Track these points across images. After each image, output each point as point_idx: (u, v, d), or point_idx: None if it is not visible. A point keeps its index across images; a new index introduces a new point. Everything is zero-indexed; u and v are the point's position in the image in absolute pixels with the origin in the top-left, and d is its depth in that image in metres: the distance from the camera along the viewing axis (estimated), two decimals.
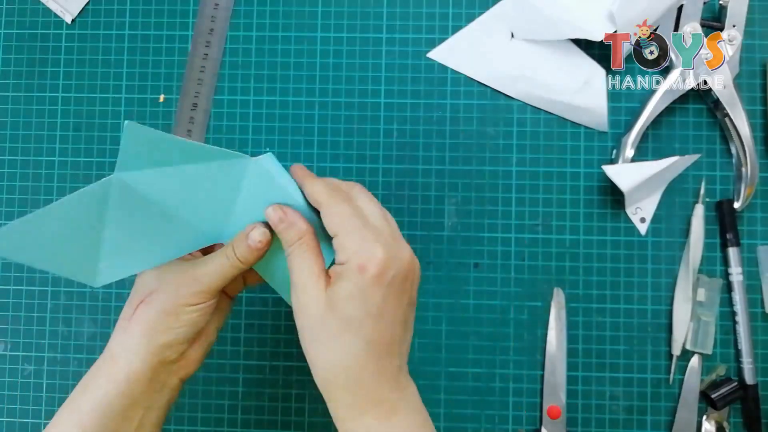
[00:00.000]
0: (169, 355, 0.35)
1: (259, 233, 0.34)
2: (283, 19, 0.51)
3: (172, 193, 0.35)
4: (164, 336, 0.34)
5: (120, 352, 0.34)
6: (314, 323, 0.31)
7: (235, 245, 0.35)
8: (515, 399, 0.48)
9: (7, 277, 0.51)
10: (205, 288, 0.35)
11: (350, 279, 0.31)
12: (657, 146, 0.49)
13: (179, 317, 0.34)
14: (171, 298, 0.34)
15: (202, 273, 0.35)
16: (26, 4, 0.52)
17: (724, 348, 0.48)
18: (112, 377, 0.34)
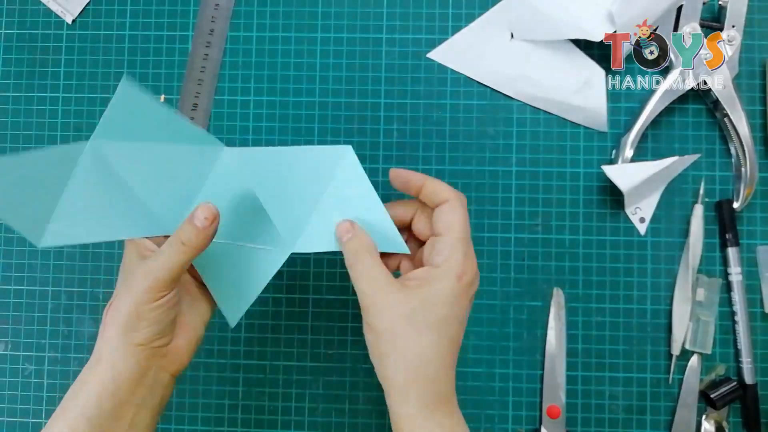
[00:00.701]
0: (148, 352, 0.34)
1: (203, 210, 0.34)
2: (283, 19, 0.51)
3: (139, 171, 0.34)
4: (135, 336, 0.34)
5: (103, 355, 0.34)
6: (398, 322, 0.33)
7: (180, 230, 0.34)
8: (515, 399, 0.48)
9: (7, 277, 0.51)
10: (156, 283, 0.34)
11: (446, 283, 0.33)
12: (656, 146, 0.49)
13: (141, 316, 0.34)
14: (129, 299, 0.34)
15: (152, 267, 0.34)
16: (27, 5, 0.52)
17: (724, 348, 0.48)
18: (98, 379, 0.34)
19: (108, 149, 0.33)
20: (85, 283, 0.50)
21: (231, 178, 0.36)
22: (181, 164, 0.35)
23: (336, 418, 0.49)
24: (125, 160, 0.34)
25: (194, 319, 0.38)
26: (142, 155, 0.34)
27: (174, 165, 0.35)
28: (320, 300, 0.49)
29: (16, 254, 0.51)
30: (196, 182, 0.36)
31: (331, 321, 0.49)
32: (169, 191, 0.36)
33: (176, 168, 0.35)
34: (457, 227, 0.34)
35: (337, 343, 0.49)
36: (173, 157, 0.35)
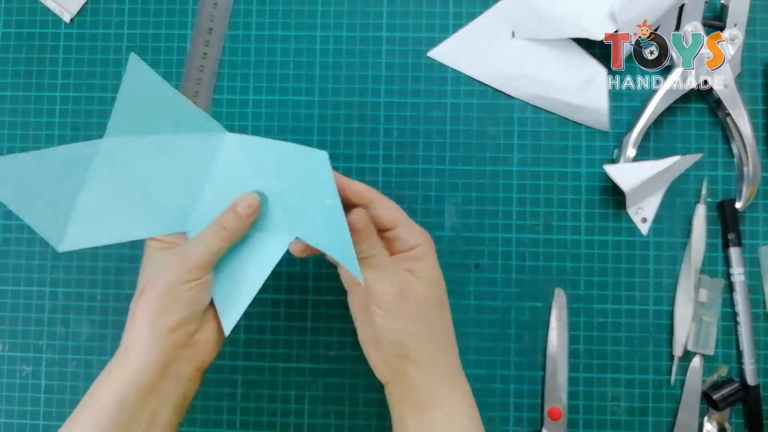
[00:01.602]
0: (176, 338, 0.35)
1: (247, 198, 0.36)
2: (282, 18, 0.50)
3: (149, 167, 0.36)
4: (166, 319, 0.35)
5: (130, 345, 0.35)
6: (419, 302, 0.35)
7: (222, 216, 0.36)
8: (516, 400, 0.48)
9: (5, 278, 0.50)
10: (194, 264, 0.35)
11: (431, 256, 0.36)
12: (658, 146, 0.48)
13: (176, 297, 0.35)
14: (165, 281, 0.35)
15: (191, 250, 0.36)
16: (25, 3, 0.52)
17: (726, 349, 0.48)
18: (124, 369, 0.35)
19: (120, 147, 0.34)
20: (83, 283, 0.50)
21: (234, 166, 0.37)
22: (187, 155, 0.36)
23: (335, 419, 0.49)
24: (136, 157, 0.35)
25: None
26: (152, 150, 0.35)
27: (181, 157, 0.36)
28: (320, 301, 0.49)
29: (14, 255, 0.50)
30: (202, 172, 0.37)
31: (331, 322, 0.49)
32: (178, 184, 0.37)
33: (183, 159, 0.36)
34: (398, 214, 0.37)
35: (337, 345, 0.49)
36: (180, 149, 0.36)
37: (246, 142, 0.37)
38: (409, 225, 0.37)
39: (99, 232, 0.36)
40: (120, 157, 0.34)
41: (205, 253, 0.36)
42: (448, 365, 0.36)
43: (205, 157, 0.37)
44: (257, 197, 0.36)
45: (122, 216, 0.36)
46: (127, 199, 0.36)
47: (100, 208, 0.35)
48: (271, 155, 0.36)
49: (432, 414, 0.35)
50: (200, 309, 0.37)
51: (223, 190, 0.37)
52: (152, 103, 0.34)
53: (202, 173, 0.37)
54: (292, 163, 0.36)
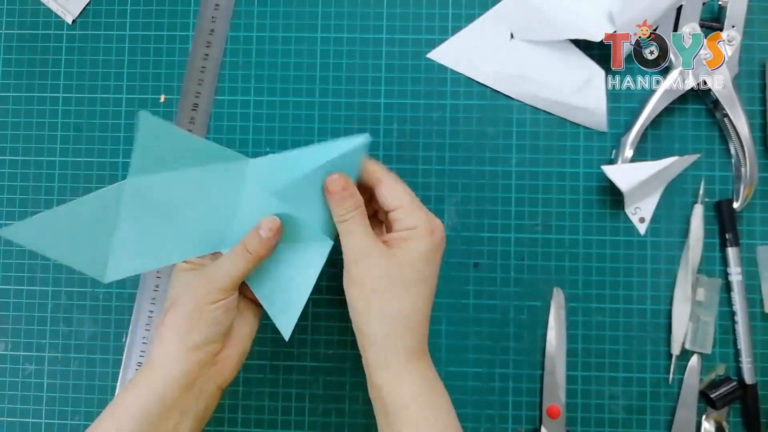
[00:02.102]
0: (201, 356, 0.36)
1: (268, 222, 0.37)
2: (283, 19, 0.51)
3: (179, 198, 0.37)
4: (192, 337, 0.36)
5: (157, 359, 0.36)
6: (383, 276, 0.35)
7: (246, 239, 0.37)
8: (515, 398, 0.48)
9: (7, 277, 0.51)
10: (220, 285, 0.36)
11: (423, 241, 0.36)
12: (656, 146, 0.49)
13: (202, 316, 0.36)
14: (192, 299, 0.36)
15: (216, 271, 0.37)
16: (27, 5, 0.52)
17: (724, 348, 0.48)
18: (150, 382, 0.35)
19: (145, 184, 0.36)
20: (86, 283, 0.50)
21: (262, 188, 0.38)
22: (213, 185, 0.38)
23: (336, 418, 0.49)
24: (163, 191, 0.37)
25: (242, 331, 0.39)
26: (177, 184, 0.37)
27: (207, 187, 0.38)
28: (320, 300, 0.49)
29: (16, 254, 0.51)
30: (232, 198, 0.38)
31: (331, 321, 0.49)
32: (208, 212, 0.38)
33: (210, 189, 0.38)
34: (405, 197, 0.37)
35: (337, 343, 0.49)
36: (205, 180, 0.37)
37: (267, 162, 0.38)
38: (412, 209, 0.36)
39: (139, 260, 0.38)
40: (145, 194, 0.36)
41: (230, 275, 0.36)
42: (406, 348, 0.35)
43: (231, 185, 0.38)
44: (278, 220, 0.37)
45: (159, 244, 0.38)
46: (161, 229, 0.38)
47: (136, 241, 0.37)
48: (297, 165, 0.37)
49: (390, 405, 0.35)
50: (224, 329, 0.37)
51: (253, 211, 0.38)
52: (169, 148, 0.36)
53: (230, 200, 0.38)
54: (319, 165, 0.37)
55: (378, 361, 0.35)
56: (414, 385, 0.35)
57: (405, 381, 0.35)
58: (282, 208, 0.38)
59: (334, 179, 0.36)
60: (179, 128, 0.36)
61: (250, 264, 0.37)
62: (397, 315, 0.35)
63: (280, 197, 0.37)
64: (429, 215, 0.37)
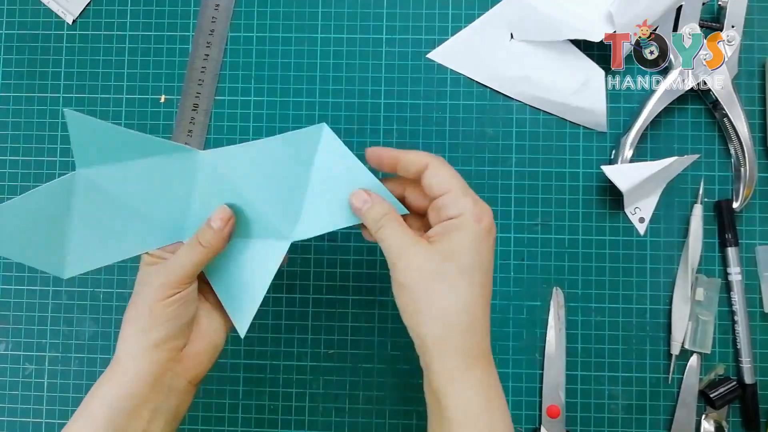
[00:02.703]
0: (164, 353, 0.35)
1: (219, 212, 0.36)
2: (283, 19, 0.51)
3: (132, 189, 0.36)
4: (150, 336, 0.35)
5: (122, 355, 0.35)
6: (427, 276, 0.33)
7: (199, 231, 0.36)
8: (514, 398, 0.48)
9: (8, 277, 0.51)
10: (173, 278, 0.35)
11: (467, 230, 0.33)
12: (656, 146, 0.49)
13: (156, 312, 0.35)
14: (143, 297, 0.35)
15: (170, 264, 0.36)
16: (27, 5, 0.52)
17: (723, 347, 0.48)
18: (117, 379, 0.35)
19: (95, 175, 0.35)
20: (86, 282, 0.50)
21: (216, 179, 0.37)
22: (163, 176, 0.36)
23: (336, 417, 0.49)
24: (113, 182, 0.35)
25: (213, 326, 0.38)
26: (126, 174, 0.35)
27: (158, 177, 0.36)
28: (320, 300, 0.50)
29: None
30: (185, 190, 0.37)
31: (331, 321, 0.49)
32: (163, 203, 0.37)
33: (161, 180, 0.36)
34: (452, 182, 0.34)
35: (337, 343, 0.49)
36: (154, 171, 0.36)
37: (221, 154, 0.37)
38: (459, 196, 0.34)
39: (97, 255, 0.37)
40: (96, 185, 0.35)
41: (183, 267, 0.35)
42: (463, 350, 0.33)
43: (182, 177, 0.37)
44: (229, 210, 0.36)
45: (116, 237, 0.37)
46: (116, 221, 0.37)
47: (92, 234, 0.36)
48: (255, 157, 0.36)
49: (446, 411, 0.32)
50: (183, 323, 0.36)
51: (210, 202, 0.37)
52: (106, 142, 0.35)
53: (184, 191, 0.37)
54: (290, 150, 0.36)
55: (433, 365, 0.33)
56: (470, 393, 0.33)
57: (461, 388, 0.32)
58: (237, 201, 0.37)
59: (355, 194, 0.35)
60: (108, 123, 0.35)
61: (203, 256, 0.36)
62: (446, 313, 0.32)
63: (234, 190, 0.36)
64: (477, 201, 0.34)
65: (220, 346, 0.39)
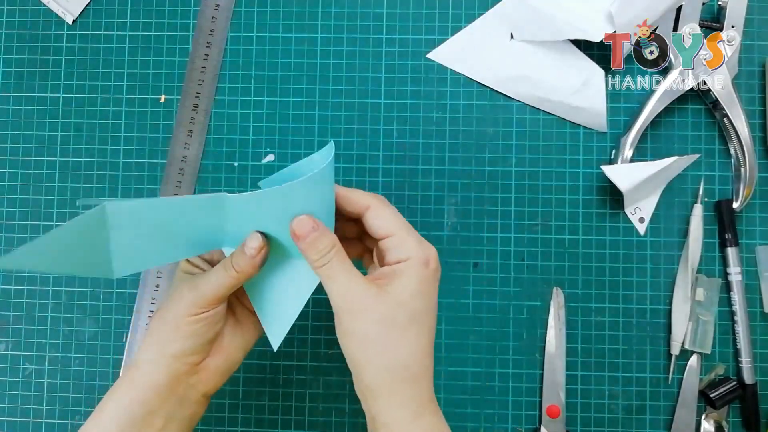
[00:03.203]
0: (180, 366, 0.35)
1: (252, 240, 0.35)
2: (283, 19, 0.51)
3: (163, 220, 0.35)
4: (171, 347, 0.35)
5: (141, 362, 0.35)
6: (377, 323, 0.32)
7: (233, 255, 0.35)
8: (514, 398, 0.48)
9: (8, 277, 0.51)
10: (202, 298, 0.35)
11: (415, 275, 0.33)
12: (656, 146, 0.49)
13: (180, 327, 0.35)
14: (172, 310, 0.35)
15: (202, 283, 0.35)
16: (27, 5, 0.52)
17: (723, 347, 0.48)
18: (133, 384, 0.35)
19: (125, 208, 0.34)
20: (86, 282, 0.50)
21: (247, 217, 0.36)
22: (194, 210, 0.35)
23: (336, 417, 0.49)
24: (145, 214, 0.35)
25: (234, 343, 0.38)
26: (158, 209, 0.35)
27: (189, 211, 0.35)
28: (320, 300, 0.49)
29: None
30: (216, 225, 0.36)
31: (332, 321, 0.49)
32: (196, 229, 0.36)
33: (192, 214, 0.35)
34: (394, 224, 0.34)
35: (337, 343, 0.49)
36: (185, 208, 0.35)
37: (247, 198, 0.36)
38: (403, 237, 0.34)
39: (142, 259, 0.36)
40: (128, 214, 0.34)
41: (214, 289, 0.35)
42: (413, 399, 0.32)
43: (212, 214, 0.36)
44: (261, 239, 0.35)
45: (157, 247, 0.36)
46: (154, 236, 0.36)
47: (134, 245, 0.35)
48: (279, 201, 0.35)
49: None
50: (205, 341, 0.36)
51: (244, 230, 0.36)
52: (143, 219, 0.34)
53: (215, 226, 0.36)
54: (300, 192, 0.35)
55: (383, 417, 0.32)
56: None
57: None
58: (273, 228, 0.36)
59: (300, 221, 0.33)
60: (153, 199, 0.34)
61: (235, 281, 0.35)
62: (398, 363, 0.32)
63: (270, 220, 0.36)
64: (422, 243, 0.34)
65: (238, 363, 0.38)
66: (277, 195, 0.35)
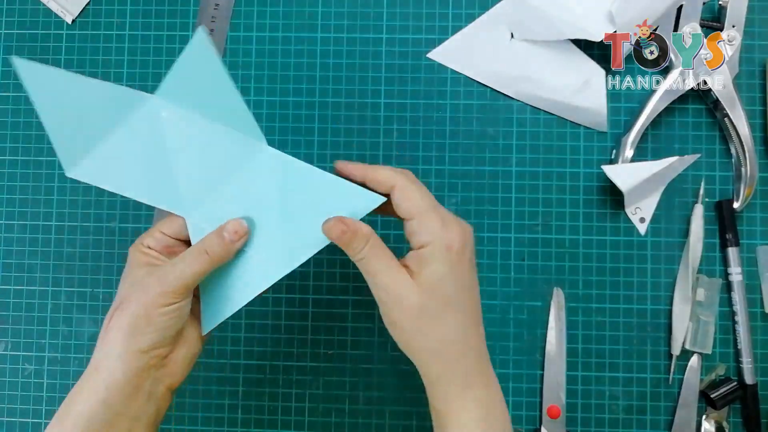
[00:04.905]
0: (147, 360, 0.34)
1: (234, 224, 0.35)
2: (283, 19, 0.51)
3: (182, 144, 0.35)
4: (140, 341, 0.34)
5: (101, 362, 0.34)
6: (414, 312, 0.33)
7: (206, 239, 0.35)
8: (515, 398, 0.48)
9: (7, 277, 0.51)
10: (172, 288, 0.34)
11: (440, 260, 0.32)
12: (656, 146, 0.49)
13: (151, 320, 0.34)
14: (141, 302, 0.34)
15: (170, 272, 0.34)
16: (27, 5, 0.52)
17: (724, 348, 0.48)
18: (94, 387, 0.33)
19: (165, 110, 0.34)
20: (85, 283, 0.50)
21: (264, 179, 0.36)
22: (221, 150, 0.35)
23: (336, 418, 0.49)
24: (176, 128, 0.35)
25: (196, 331, 0.37)
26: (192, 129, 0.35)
27: (214, 149, 0.35)
28: (320, 300, 0.49)
29: (16, 254, 0.51)
30: (228, 173, 0.36)
31: (331, 321, 0.49)
32: (200, 173, 0.36)
33: (215, 152, 0.36)
34: (419, 204, 0.33)
35: (337, 343, 0.49)
36: (216, 141, 0.35)
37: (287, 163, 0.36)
38: (424, 220, 0.33)
39: (108, 176, 0.36)
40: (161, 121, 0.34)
41: (184, 277, 0.34)
42: (461, 376, 0.33)
43: (237, 158, 0.36)
44: (245, 225, 0.35)
45: (135, 173, 0.36)
46: (149, 161, 0.35)
47: (120, 156, 0.35)
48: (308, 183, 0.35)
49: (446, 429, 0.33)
50: (173, 333, 0.35)
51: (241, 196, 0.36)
52: (206, 84, 0.34)
53: (228, 172, 0.36)
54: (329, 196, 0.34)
55: (433, 389, 0.34)
56: (468, 411, 0.33)
57: (463, 410, 0.33)
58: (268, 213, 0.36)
59: (330, 227, 0.33)
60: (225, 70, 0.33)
61: (207, 266, 0.34)
62: (441, 346, 0.33)
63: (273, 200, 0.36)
64: (446, 225, 0.33)
65: (197, 354, 0.38)
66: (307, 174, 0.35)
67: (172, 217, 0.37)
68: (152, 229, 0.37)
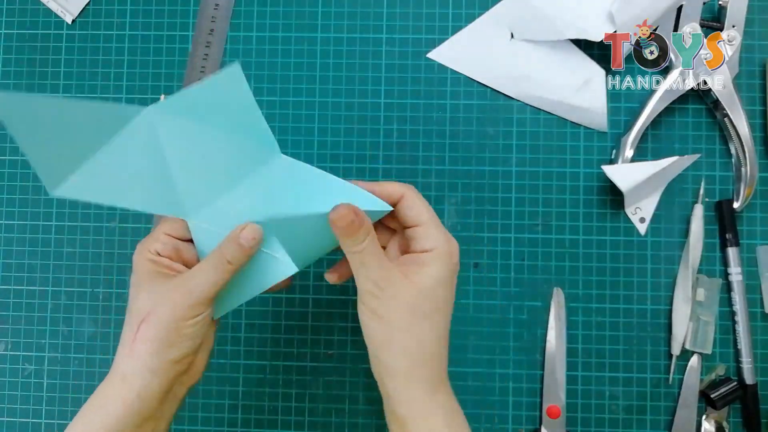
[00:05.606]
0: (179, 368, 0.35)
1: (251, 231, 0.35)
2: (283, 19, 0.51)
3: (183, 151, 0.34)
4: (172, 352, 0.34)
5: (131, 374, 0.34)
6: (407, 308, 0.34)
7: (224, 248, 0.35)
8: (515, 398, 0.48)
9: (7, 277, 0.51)
10: (198, 300, 0.34)
11: (441, 265, 0.34)
12: (656, 146, 0.49)
13: (181, 332, 0.34)
14: (169, 315, 0.34)
15: (194, 285, 0.35)
16: (26, 5, 0.52)
17: (724, 348, 0.48)
18: (123, 398, 0.34)
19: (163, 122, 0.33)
20: (85, 283, 0.50)
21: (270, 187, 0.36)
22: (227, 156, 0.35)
23: (336, 418, 0.49)
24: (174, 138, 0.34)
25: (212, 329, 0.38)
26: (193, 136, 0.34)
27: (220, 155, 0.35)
28: (320, 300, 0.49)
29: (16, 254, 0.51)
30: (234, 179, 0.36)
31: (331, 321, 0.49)
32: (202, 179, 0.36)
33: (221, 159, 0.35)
34: (426, 214, 0.35)
35: (337, 343, 0.49)
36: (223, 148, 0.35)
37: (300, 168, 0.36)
38: (431, 229, 0.35)
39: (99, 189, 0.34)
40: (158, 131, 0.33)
41: (209, 287, 0.35)
42: (428, 380, 0.34)
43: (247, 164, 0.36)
44: (260, 229, 0.35)
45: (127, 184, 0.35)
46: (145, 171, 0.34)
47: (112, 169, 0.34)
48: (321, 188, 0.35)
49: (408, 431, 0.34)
50: (201, 339, 0.36)
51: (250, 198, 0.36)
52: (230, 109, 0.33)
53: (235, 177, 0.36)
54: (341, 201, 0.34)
55: (400, 394, 0.34)
56: (438, 418, 0.34)
57: (429, 415, 0.34)
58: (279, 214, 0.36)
59: (341, 215, 0.33)
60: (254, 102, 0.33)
61: (228, 274, 0.35)
62: (419, 348, 0.34)
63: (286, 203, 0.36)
64: (448, 236, 0.35)
65: (212, 348, 0.39)
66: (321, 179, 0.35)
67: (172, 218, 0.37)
68: (156, 233, 0.37)
